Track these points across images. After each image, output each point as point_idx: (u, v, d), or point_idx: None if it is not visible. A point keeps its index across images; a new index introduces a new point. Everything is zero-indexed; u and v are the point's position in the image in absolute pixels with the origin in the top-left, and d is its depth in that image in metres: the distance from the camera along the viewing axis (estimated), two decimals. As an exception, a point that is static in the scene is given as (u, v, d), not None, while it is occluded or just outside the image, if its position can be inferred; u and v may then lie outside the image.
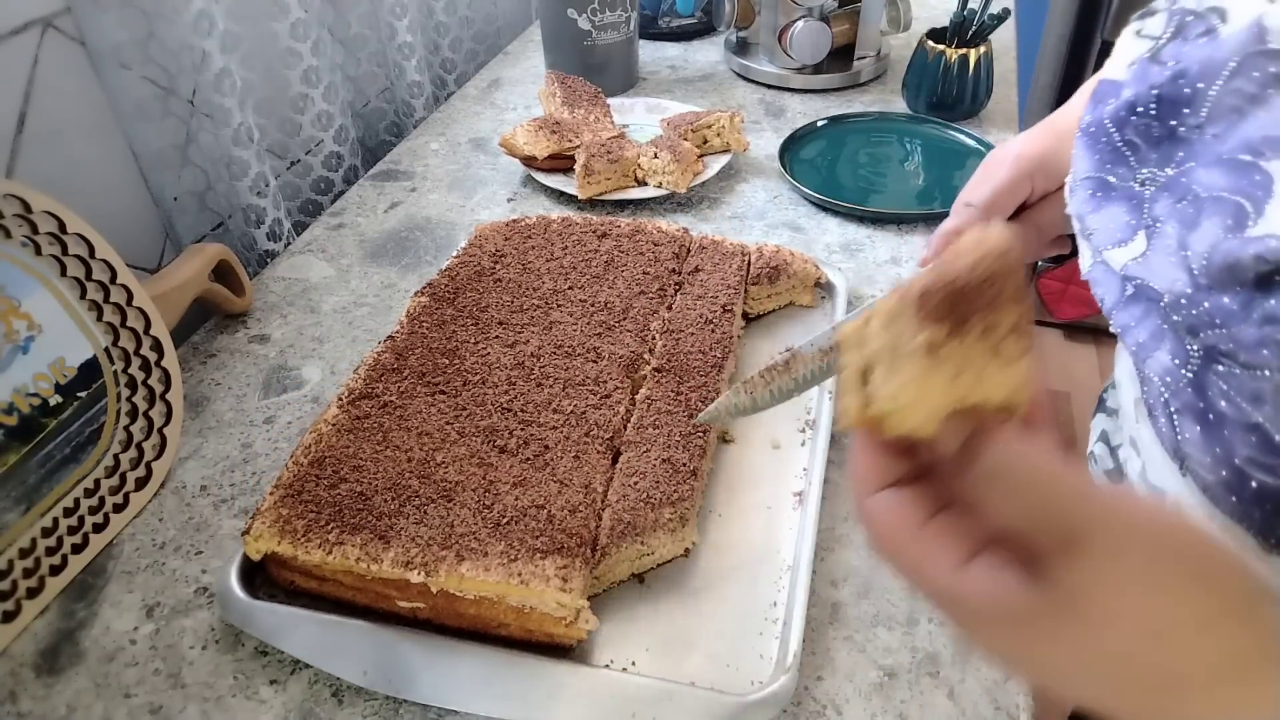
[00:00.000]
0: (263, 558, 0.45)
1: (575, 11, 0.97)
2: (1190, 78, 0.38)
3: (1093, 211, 0.43)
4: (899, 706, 0.42)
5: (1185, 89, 0.38)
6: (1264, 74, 0.35)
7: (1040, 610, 0.25)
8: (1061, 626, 0.25)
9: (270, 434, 0.58)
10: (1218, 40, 0.37)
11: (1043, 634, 0.25)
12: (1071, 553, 0.24)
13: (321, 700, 0.43)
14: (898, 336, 0.26)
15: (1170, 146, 0.39)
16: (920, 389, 0.26)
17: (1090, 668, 0.25)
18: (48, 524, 0.48)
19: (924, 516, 0.27)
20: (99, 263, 0.53)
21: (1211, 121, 0.37)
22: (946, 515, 0.27)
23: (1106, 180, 0.42)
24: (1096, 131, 0.43)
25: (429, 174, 0.88)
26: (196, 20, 0.65)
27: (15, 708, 0.43)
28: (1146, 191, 0.40)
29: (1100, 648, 0.25)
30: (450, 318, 0.58)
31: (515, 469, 0.47)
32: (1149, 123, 0.40)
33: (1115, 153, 0.42)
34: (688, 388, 0.53)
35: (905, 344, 0.26)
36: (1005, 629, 0.26)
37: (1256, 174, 0.35)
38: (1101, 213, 0.42)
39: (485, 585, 0.41)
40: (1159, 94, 0.39)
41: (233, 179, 0.72)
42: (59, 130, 0.61)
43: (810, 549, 0.46)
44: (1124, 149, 0.41)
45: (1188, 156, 0.38)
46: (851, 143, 0.91)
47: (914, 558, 0.27)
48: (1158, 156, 0.40)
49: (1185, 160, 0.38)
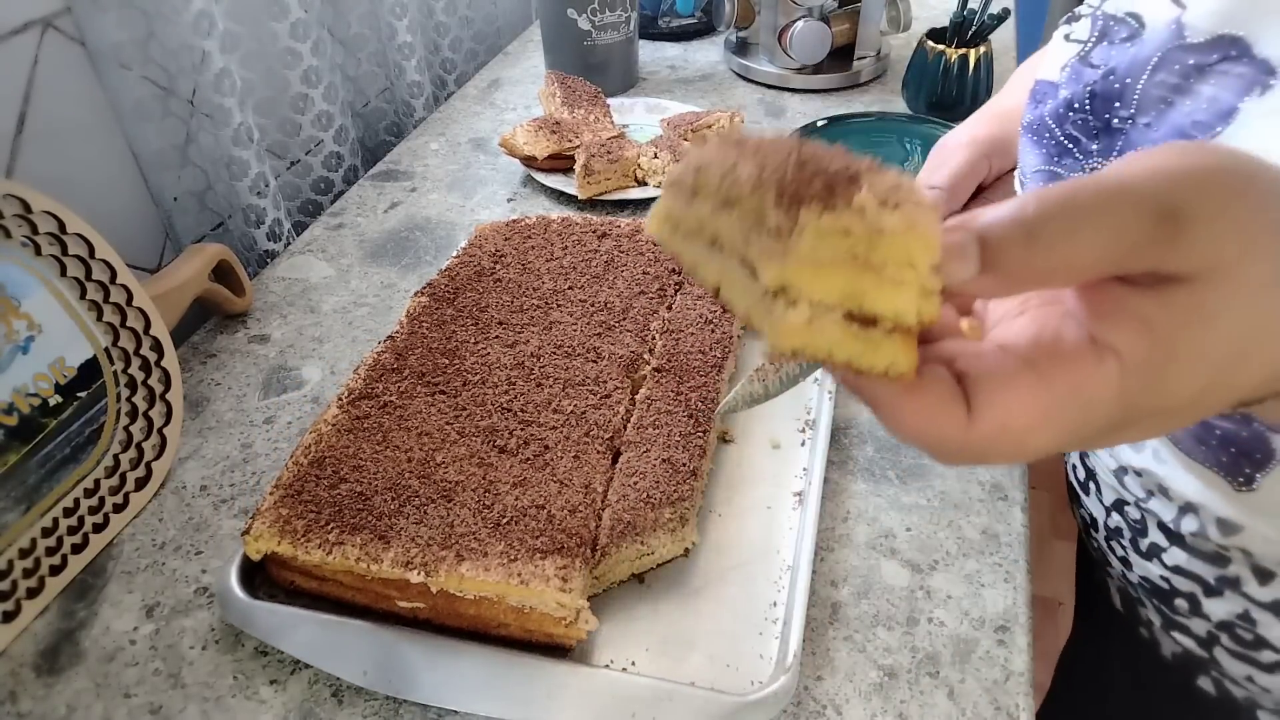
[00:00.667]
0: (263, 558, 0.45)
1: (575, 11, 0.97)
2: (1119, 74, 0.41)
3: None
4: (899, 706, 0.42)
5: (1115, 85, 0.41)
6: (1184, 66, 0.38)
7: (1204, 307, 0.22)
8: (1220, 306, 0.22)
9: (270, 434, 0.58)
10: (1140, 40, 0.41)
11: (1200, 336, 0.22)
12: (1180, 233, 0.21)
13: (321, 700, 0.43)
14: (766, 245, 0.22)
15: (1109, 137, 0.42)
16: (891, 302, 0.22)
17: (1261, 336, 0.22)
18: (48, 524, 0.48)
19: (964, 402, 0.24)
20: (99, 263, 0.53)
21: (1141, 112, 0.40)
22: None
23: (1056, 173, 0.45)
24: (1040, 129, 0.46)
25: (429, 174, 0.88)
26: (196, 20, 0.65)
27: (15, 708, 0.43)
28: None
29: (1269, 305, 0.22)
30: (450, 318, 0.58)
31: (515, 469, 0.47)
32: (1086, 117, 0.43)
33: (1060, 147, 0.45)
34: (688, 388, 0.53)
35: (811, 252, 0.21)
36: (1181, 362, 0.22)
37: None
38: None
39: (485, 585, 0.41)
40: (1092, 91, 0.43)
41: (233, 179, 0.72)
42: (59, 130, 0.61)
43: (810, 549, 0.46)
44: (1067, 143, 0.44)
45: (1126, 145, 0.42)
46: (851, 143, 0.91)
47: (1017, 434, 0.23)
48: (1099, 147, 0.43)
49: (1125, 147, 0.41)
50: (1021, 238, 0.22)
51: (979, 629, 0.45)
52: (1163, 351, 0.22)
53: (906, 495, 0.52)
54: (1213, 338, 0.22)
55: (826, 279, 0.22)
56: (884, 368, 0.23)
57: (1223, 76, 0.37)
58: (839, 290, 0.22)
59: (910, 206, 0.21)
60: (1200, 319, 0.22)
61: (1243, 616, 0.46)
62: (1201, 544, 0.46)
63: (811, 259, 0.21)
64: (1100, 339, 0.22)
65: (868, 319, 0.22)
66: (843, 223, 0.21)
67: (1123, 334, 0.22)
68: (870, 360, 0.23)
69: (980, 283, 0.22)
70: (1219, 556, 0.45)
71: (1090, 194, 0.21)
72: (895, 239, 0.21)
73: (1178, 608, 0.49)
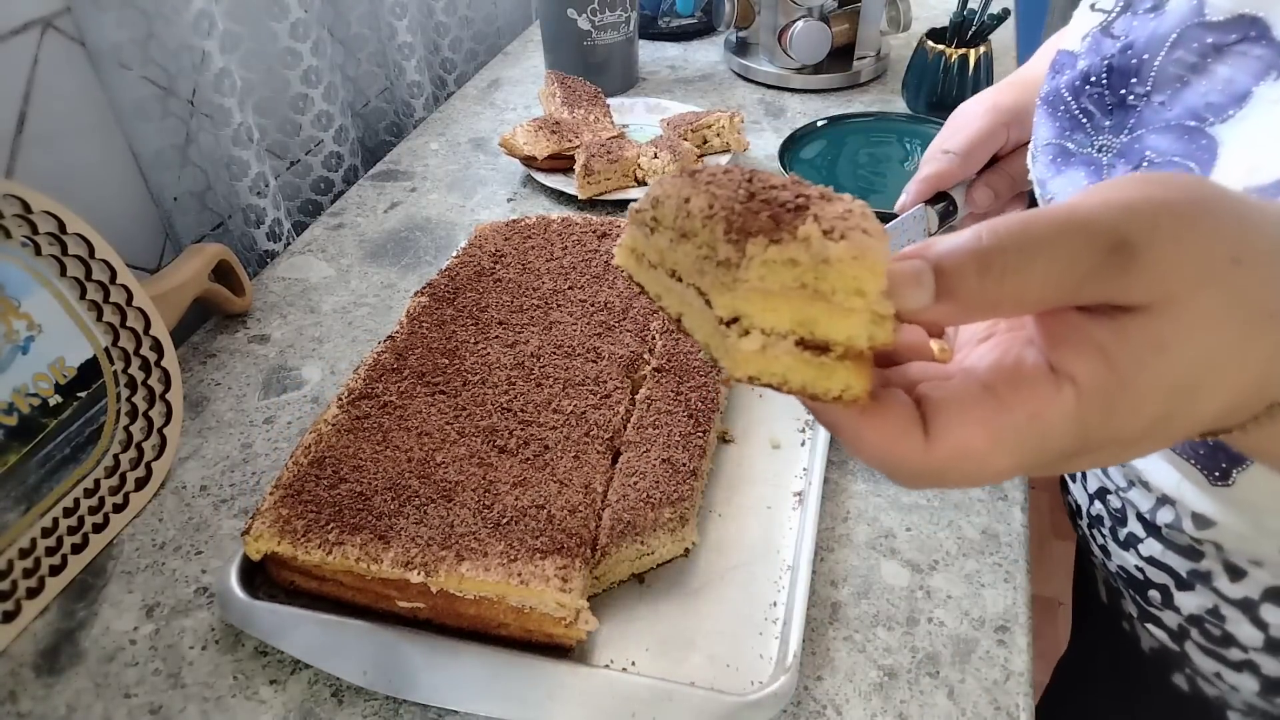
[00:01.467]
0: (263, 558, 0.45)
1: (575, 11, 0.97)
2: (1137, 49, 0.40)
3: (1054, 176, 0.44)
4: (899, 706, 0.42)
5: (1133, 60, 0.40)
6: (1202, 44, 0.37)
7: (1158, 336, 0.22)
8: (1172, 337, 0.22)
9: (270, 434, 0.58)
10: (1162, 14, 0.39)
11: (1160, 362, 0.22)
12: (1131, 264, 0.21)
13: (321, 700, 0.43)
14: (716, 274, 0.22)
15: (1122, 114, 0.41)
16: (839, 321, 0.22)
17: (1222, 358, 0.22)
18: (48, 524, 0.48)
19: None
20: (99, 263, 0.53)
21: (1157, 90, 0.39)
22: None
23: (1066, 147, 0.44)
24: (1055, 100, 0.45)
25: (429, 174, 0.88)
26: (196, 20, 0.65)
27: (15, 708, 0.43)
28: (1104, 159, 0.42)
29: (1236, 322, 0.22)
30: (450, 318, 0.58)
31: (515, 469, 0.47)
32: (1102, 92, 0.42)
33: (1073, 120, 0.44)
34: (688, 388, 0.53)
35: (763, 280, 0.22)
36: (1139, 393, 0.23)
37: (1202, 138, 0.37)
38: (1061, 177, 0.44)
39: (485, 585, 0.41)
40: (1109, 64, 0.41)
41: (233, 179, 0.72)
42: (59, 130, 0.61)
43: (810, 549, 0.46)
44: (1080, 117, 0.43)
45: (1139, 123, 0.40)
46: (851, 143, 0.91)
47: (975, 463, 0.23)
48: (1111, 124, 0.42)
49: (1137, 127, 0.40)
50: (975, 267, 0.22)
51: (979, 629, 0.45)
52: (1118, 380, 0.22)
53: (906, 495, 0.52)
54: (1166, 367, 0.22)
55: (776, 308, 0.22)
56: (838, 393, 0.23)
57: (1240, 58, 0.36)
58: (789, 318, 0.22)
59: (857, 235, 0.22)
60: (1154, 349, 0.22)
61: (1212, 612, 0.46)
62: (1176, 536, 0.46)
63: (760, 289, 0.22)
64: (1058, 366, 0.23)
65: (820, 345, 0.23)
66: (788, 253, 0.22)
67: (1080, 362, 0.22)
68: (824, 386, 0.23)
69: (935, 311, 0.23)
70: (1192, 550, 0.46)
71: (1043, 225, 0.22)
72: (842, 267, 0.22)
73: (1151, 599, 0.50)
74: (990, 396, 0.23)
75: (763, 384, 0.23)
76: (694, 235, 0.24)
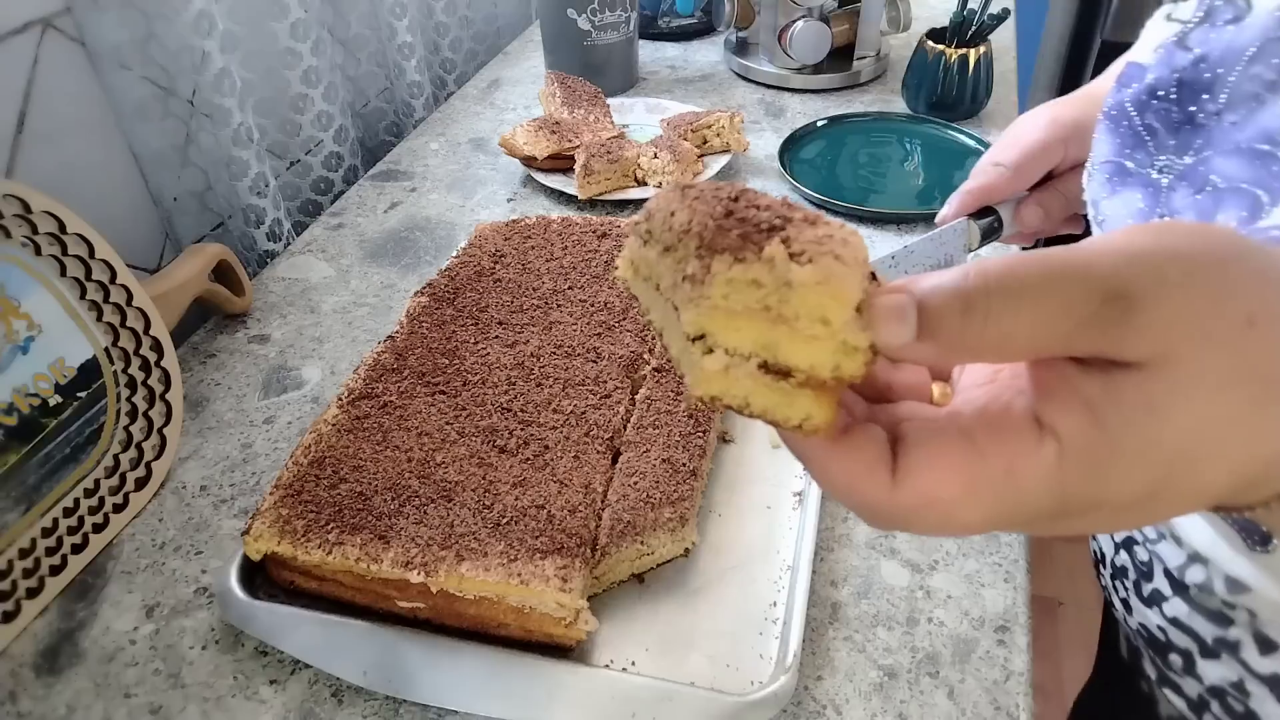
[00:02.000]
0: (263, 558, 0.45)
1: (575, 11, 0.97)
2: (1211, 63, 0.37)
3: (1108, 196, 0.41)
4: (899, 706, 0.42)
5: (1205, 74, 0.37)
6: None
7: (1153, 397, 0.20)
8: (1168, 400, 0.20)
9: (270, 434, 0.58)
10: (1242, 25, 0.36)
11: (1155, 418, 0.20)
12: (1129, 316, 0.20)
13: (321, 700, 0.43)
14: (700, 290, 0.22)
15: (1189, 133, 0.38)
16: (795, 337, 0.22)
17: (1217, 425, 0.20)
18: (48, 524, 0.48)
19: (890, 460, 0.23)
20: (99, 263, 0.53)
21: (1230, 108, 0.36)
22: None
23: (1124, 165, 0.41)
24: (1118, 115, 0.41)
25: (429, 174, 0.88)
26: (196, 20, 0.65)
27: (15, 708, 0.43)
28: (1164, 180, 0.39)
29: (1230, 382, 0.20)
30: (450, 318, 0.58)
31: (515, 469, 0.47)
32: (1169, 108, 0.38)
33: (1135, 137, 0.40)
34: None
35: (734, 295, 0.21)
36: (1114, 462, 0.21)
37: (1275, 164, 0.34)
38: (1116, 198, 0.41)
39: (485, 585, 0.41)
40: (1179, 78, 0.38)
41: (233, 179, 0.72)
42: (59, 130, 0.61)
43: (810, 549, 0.46)
44: (1144, 134, 0.40)
45: (1206, 144, 0.37)
46: (851, 143, 0.91)
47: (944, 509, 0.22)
48: (1176, 143, 0.38)
49: (1204, 148, 0.37)
50: (959, 307, 0.21)
51: (979, 629, 0.45)
52: (1105, 440, 0.20)
53: (906, 495, 0.52)
54: (1159, 432, 0.20)
55: (739, 328, 0.22)
56: (798, 421, 0.22)
57: None
58: (752, 340, 0.22)
59: (826, 260, 0.21)
60: (1146, 410, 0.20)
61: (1237, 685, 0.42)
62: (1205, 599, 0.43)
63: (725, 308, 0.21)
64: (1043, 419, 0.21)
65: (783, 371, 0.22)
66: (751, 273, 0.21)
67: (1065, 416, 0.21)
68: (785, 413, 0.22)
69: (915, 350, 0.21)
70: (1222, 616, 0.42)
71: (1034, 269, 0.20)
72: (805, 292, 0.21)
73: (1172, 663, 0.46)
74: (967, 443, 0.22)
75: (724, 405, 0.23)
76: (674, 250, 0.23)
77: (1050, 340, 0.20)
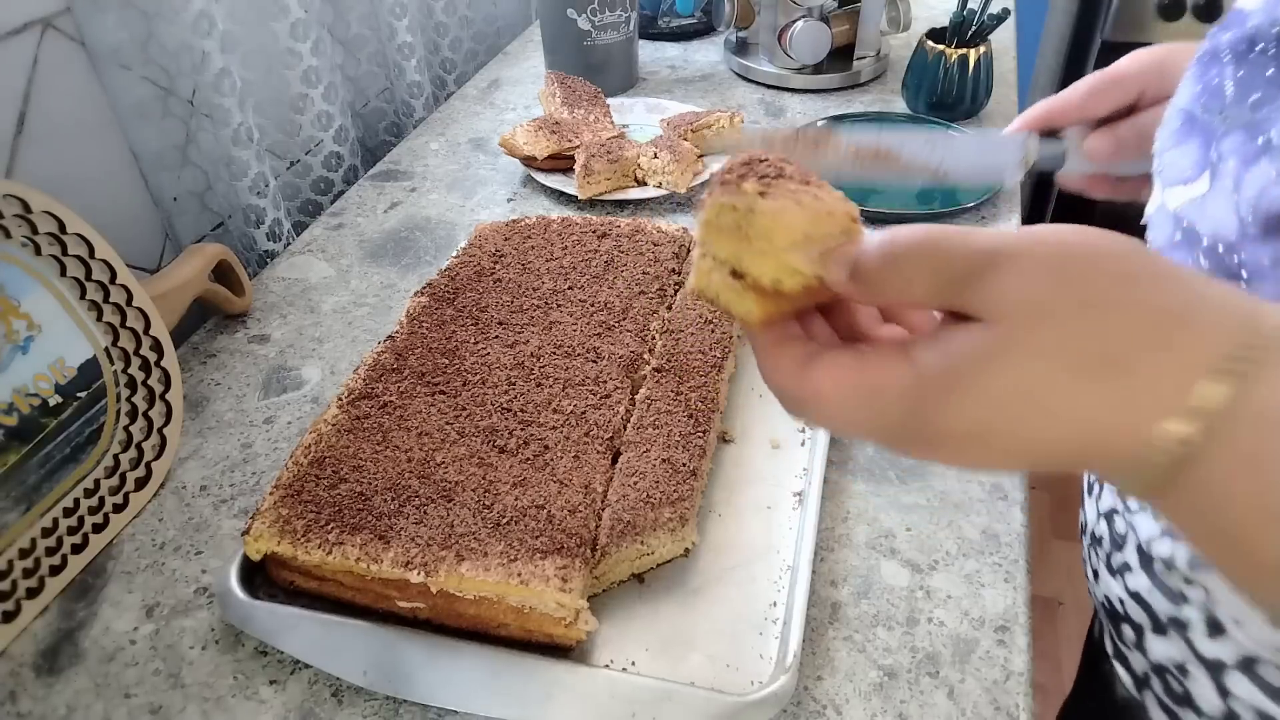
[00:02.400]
0: (263, 558, 0.45)
1: (575, 11, 0.97)
2: None
3: (1172, 147, 0.39)
4: (899, 706, 0.42)
5: None
6: None
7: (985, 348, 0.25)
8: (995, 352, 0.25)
9: (270, 434, 0.58)
10: None
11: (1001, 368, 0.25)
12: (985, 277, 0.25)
13: (321, 700, 0.43)
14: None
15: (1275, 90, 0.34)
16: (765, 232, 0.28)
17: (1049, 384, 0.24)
18: (48, 524, 0.48)
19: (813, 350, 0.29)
20: (99, 263, 0.53)
21: None
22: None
23: (1194, 114, 0.38)
24: (1210, 60, 0.38)
25: (429, 174, 0.88)
26: (196, 20, 0.65)
27: (15, 708, 0.43)
28: (1221, 128, 0.36)
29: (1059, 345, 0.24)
30: (450, 318, 0.58)
31: (515, 469, 0.47)
32: (1267, 63, 0.35)
33: (1218, 87, 0.37)
34: (688, 388, 0.53)
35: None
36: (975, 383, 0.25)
37: None
38: (1178, 149, 0.39)
39: (485, 585, 0.41)
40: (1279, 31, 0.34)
41: (233, 179, 0.72)
42: (59, 130, 0.61)
43: (810, 549, 0.46)
44: (1229, 84, 0.37)
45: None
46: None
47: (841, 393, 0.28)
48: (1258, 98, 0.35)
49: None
50: (875, 260, 0.27)
51: (979, 629, 0.45)
52: (945, 373, 0.25)
53: (906, 495, 0.52)
54: (988, 379, 0.25)
55: (720, 240, 0.29)
56: (742, 314, 0.30)
57: None
58: (727, 250, 0.29)
59: (784, 200, 0.28)
60: (977, 356, 0.25)
61: (1179, 666, 0.43)
62: (1167, 575, 0.43)
63: (715, 224, 0.29)
64: (910, 352, 0.26)
65: (741, 275, 0.29)
66: (728, 199, 0.28)
67: (924, 351, 0.26)
68: (736, 307, 0.30)
69: (848, 288, 0.28)
70: (1179, 594, 0.42)
71: (923, 237, 0.26)
72: (761, 219, 0.28)
73: (1125, 636, 0.47)
74: (858, 359, 0.27)
75: (707, 299, 0.30)
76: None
77: (926, 291, 0.26)
